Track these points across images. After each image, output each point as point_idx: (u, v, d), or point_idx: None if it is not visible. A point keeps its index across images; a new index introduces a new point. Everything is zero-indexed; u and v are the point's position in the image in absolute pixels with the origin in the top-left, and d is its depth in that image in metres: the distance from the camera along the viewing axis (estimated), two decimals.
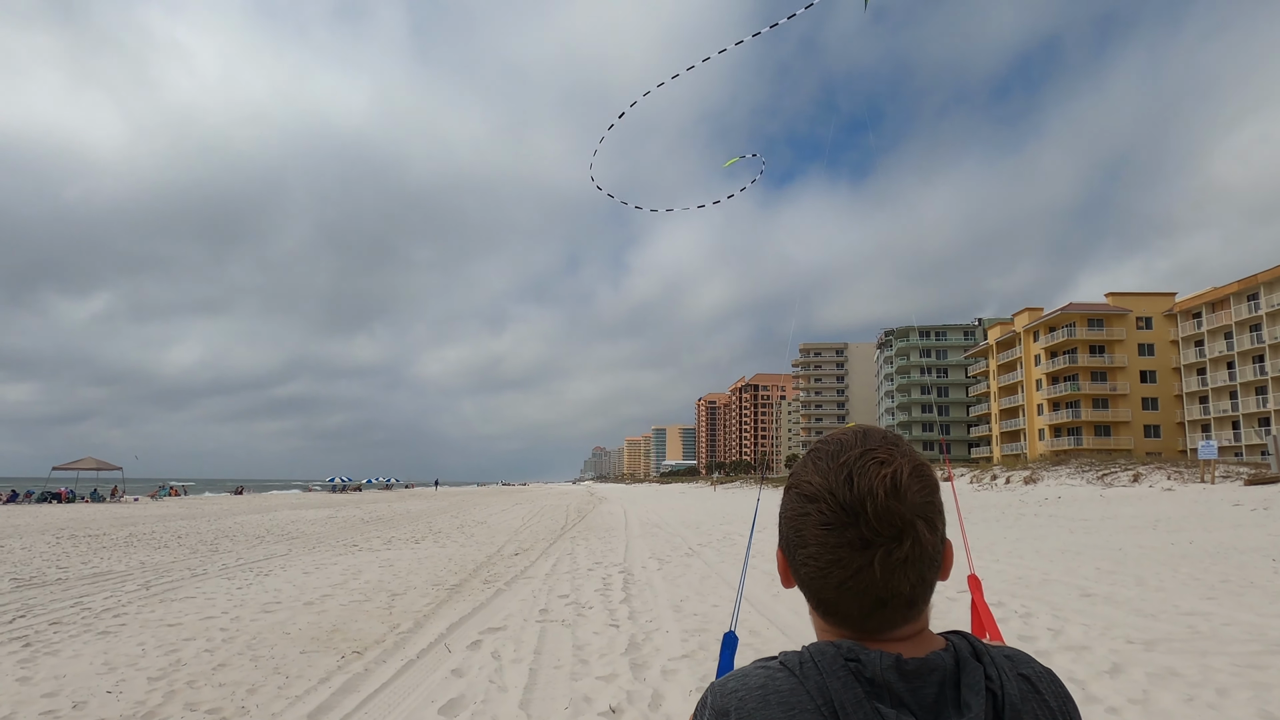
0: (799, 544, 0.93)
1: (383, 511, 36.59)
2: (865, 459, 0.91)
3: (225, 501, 54.01)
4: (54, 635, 8.01)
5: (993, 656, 0.93)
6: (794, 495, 0.96)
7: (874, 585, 0.89)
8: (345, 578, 12.38)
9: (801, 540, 0.93)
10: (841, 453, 0.94)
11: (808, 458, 0.99)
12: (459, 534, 21.87)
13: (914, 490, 0.90)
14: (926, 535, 0.90)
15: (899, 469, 0.90)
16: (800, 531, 0.93)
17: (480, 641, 7.49)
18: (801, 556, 0.93)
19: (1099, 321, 76.64)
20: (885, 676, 0.87)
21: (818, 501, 0.91)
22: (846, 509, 0.89)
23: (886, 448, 0.94)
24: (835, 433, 1.00)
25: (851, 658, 0.89)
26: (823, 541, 0.90)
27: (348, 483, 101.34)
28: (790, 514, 0.96)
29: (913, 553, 0.89)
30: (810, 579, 0.93)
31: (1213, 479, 29.72)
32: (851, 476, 0.90)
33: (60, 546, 18.30)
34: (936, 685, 0.88)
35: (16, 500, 49.25)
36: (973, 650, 0.93)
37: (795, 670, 0.90)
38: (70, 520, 29.69)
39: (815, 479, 0.93)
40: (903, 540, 0.88)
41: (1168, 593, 9.16)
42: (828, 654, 0.90)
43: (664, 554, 15.25)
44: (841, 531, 0.89)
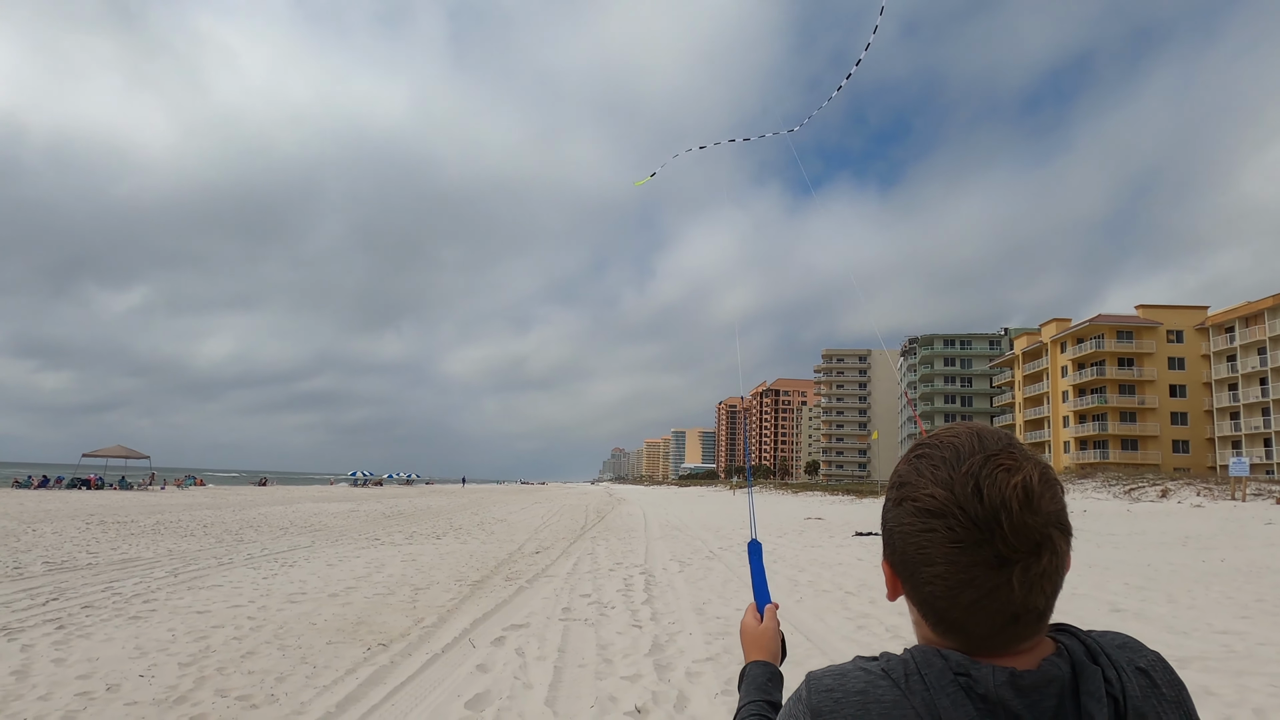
0: (922, 562, 0.85)
1: (404, 507, 36.85)
2: (991, 466, 0.84)
3: (249, 492, 54.68)
4: (86, 618, 8.15)
5: (1109, 655, 0.88)
6: (910, 509, 0.87)
7: (1010, 603, 0.82)
8: (369, 571, 12.47)
9: (926, 559, 0.85)
10: (960, 459, 0.85)
11: (917, 463, 0.90)
12: (480, 531, 21.98)
13: (1047, 499, 0.84)
14: (1062, 546, 0.85)
15: (1029, 476, 0.83)
16: (924, 550, 0.85)
17: (504, 638, 7.52)
18: (926, 575, 0.85)
19: (1129, 334, 75.51)
20: (1000, 694, 0.81)
21: (945, 517, 0.83)
22: (980, 525, 0.81)
23: (1010, 452, 0.86)
24: (942, 434, 0.92)
25: (961, 672, 0.83)
26: (953, 561, 0.82)
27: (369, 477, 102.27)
28: (908, 530, 0.87)
29: (1050, 566, 0.83)
30: (935, 599, 0.85)
31: (1244, 496, 29.20)
32: (980, 487, 0.82)
33: (90, 532, 18.61)
34: (1055, 698, 0.83)
35: (48, 486, 50.21)
36: (1086, 650, 0.88)
37: (900, 681, 0.84)
38: (99, 506, 30.20)
39: (937, 491, 0.85)
40: (1040, 554, 0.82)
41: (1200, 610, 9.00)
42: (935, 666, 0.84)
43: (685, 556, 15.22)
44: (975, 550, 0.81)
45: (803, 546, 18.07)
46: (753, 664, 1.40)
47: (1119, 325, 75.75)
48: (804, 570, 13.15)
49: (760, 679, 1.35)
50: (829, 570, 13.19)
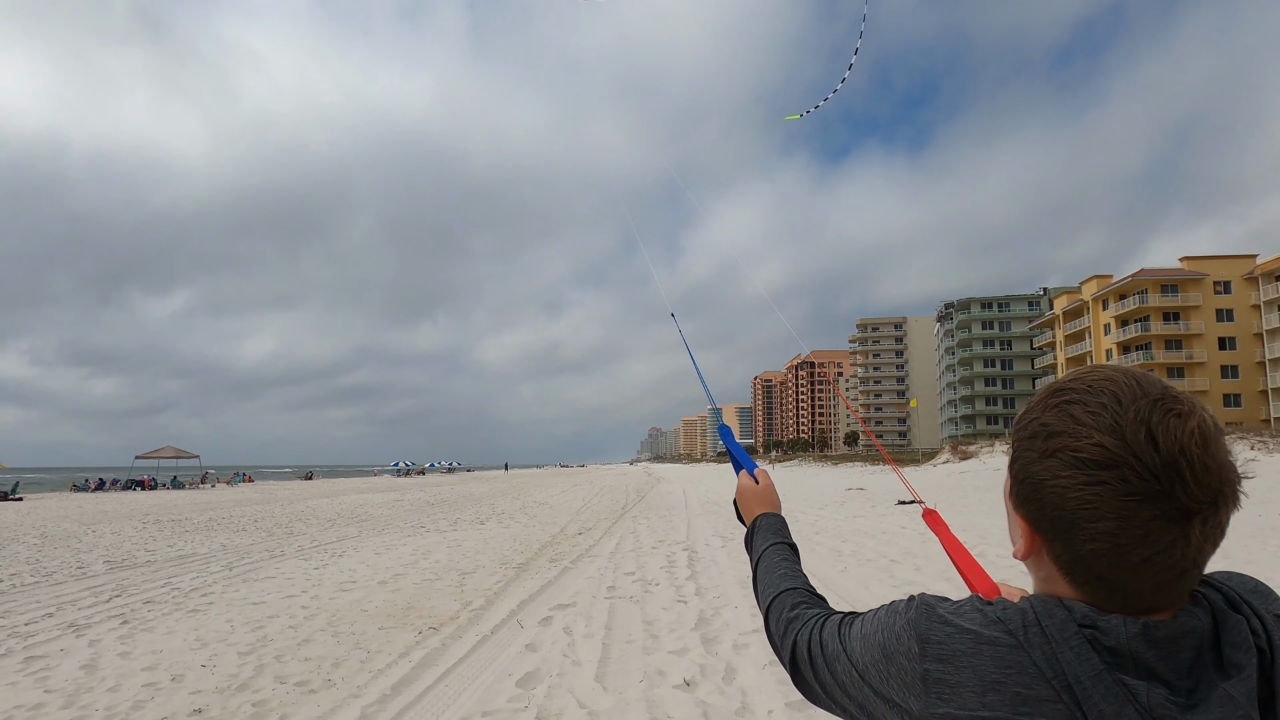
0: (1087, 519, 0.77)
1: (446, 494, 37.39)
2: (1161, 411, 0.77)
3: (296, 487, 55.89)
4: (148, 613, 8.41)
5: (1250, 604, 0.82)
6: (1069, 460, 0.79)
7: (1183, 559, 0.76)
8: (415, 558, 12.69)
9: (1092, 514, 0.77)
10: (1123, 404, 0.78)
11: (1068, 409, 0.81)
12: (522, 515, 22.22)
13: (1224, 444, 0.78)
14: (1239, 494, 0.79)
15: (1204, 420, 0.78)
16: (1089, 504, 0.77)
17: (551, 618, 7.61)
18: (1090, 533, 0.77)
19: (1173, 287, 73.49)
20: (1132, 646, 0.76)
21: (1118, 468, 0.75)
22: (1159, 475, 0.74)
23: (1175, 395, 0.79)
24: (1087, 377, 0.84)
25: (1087, 624, 0.78)
26: (1128, 516, 0.75)
27: (411, 467, 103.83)
28: (1067, 484, 0.78)
29: (1225, 517, 0.78)
30: (1097, 557, 0.78)
31: None
32: (1154, 434, 0.75)
33: (146, 531, 19.18)
34: (1193, 649, 0.78)
35: (104, 488, 51.81)
36: (1226, 599, 0.82)
37: (1017, 632, 0.79)
38: (154, 506, 31.10)
39: (1106, 440, 0.77)
40: (1219, 505, 0.76)
41: (1258, 565, 8.80)
42: (1057, 618, 0.79)
43: (726, 532, 15.24)
44: (1154, 503, 0.74)
45: (845, 517, 17.99)
46: (762, 515, 1.40)
47: (1163, 279, 73.73)
48: (847, 540, 13.09)
49: (776, 524, 1.36)
50: (872, 540, 13.11)
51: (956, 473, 40.26)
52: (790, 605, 1.13)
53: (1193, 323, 72.81)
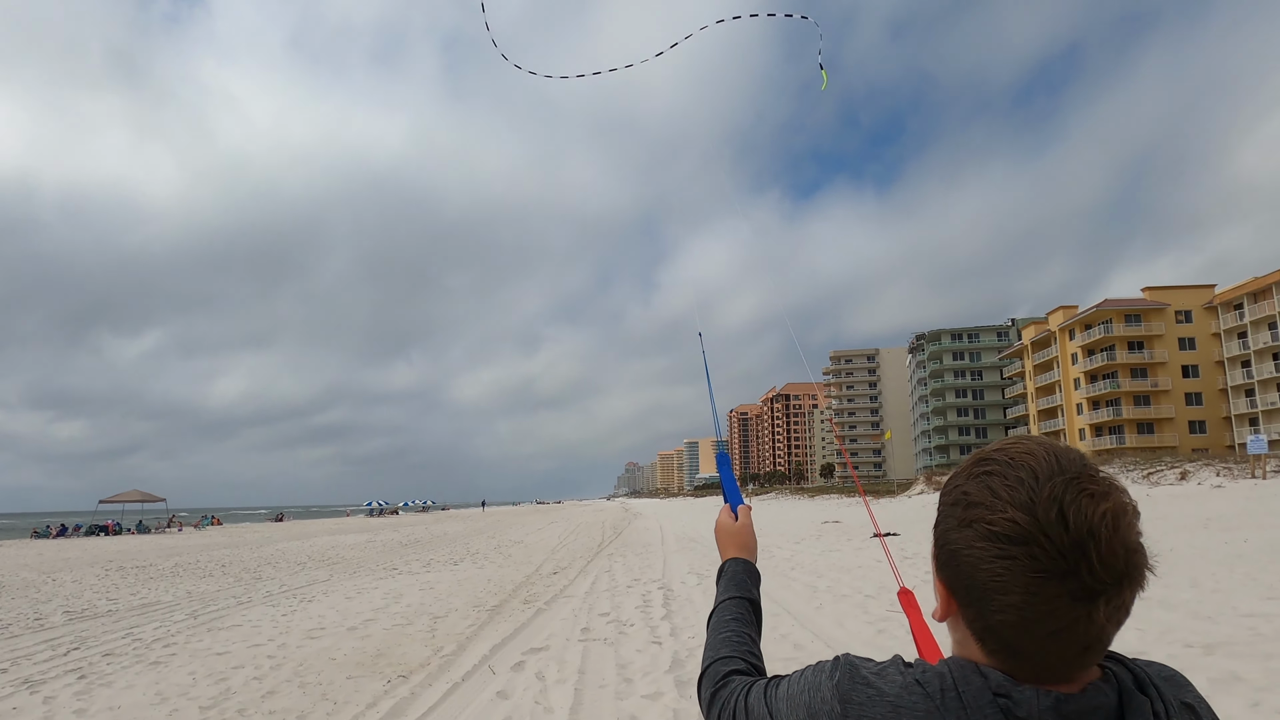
0: (996, 591, 0.78)
1: (420, 534, 36.83)
2: (1075, 491, 0.78)
3: (266, 529, 54.75)
4: (107, 666, 8.16)
5: (1158, 687, 0.85)
6: (983, 532, 0.80)
7: (1087, 635, 0.78)
8: (387, 601, 12.46)
9: (1001, 587, 0.78)
10: (1040, 481, 0.79)
11: (988, 480, 0.83)
12: (496, 554, 21.94)
13: (1133, 527, 0.80)
14: (1145, 576, 0.81)
15: (1117, 502, 0.79)
16: (999, 578, 0.78)
17: (523, 662, 7.49)
18: (999, 604, 0.79)
19: (1136, 317, 75.06)
20: (1042, 718, 0.78)
21: (1028, 544, 0.77)
22: (1066, 554, 0.76)
23: (1092, 475, 0.81)
24: (1010, 449, 0.85)
25: (1002, 693, 0.79)
26: (1035, 592, 0.76)
27: (385, 507, 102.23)
28: (980, 555, 0.80)
29: (1130, 598, 0.79)
30: (1005, 628, 0.79)
31: (1264, 474, 28.92)
32: (1065, 514, 0.77)
33: (109, 578, 18.66)
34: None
35: (66, 534, 50.34)
36: (1135, 680, 0.84)
37: (934, 695, 0.81)
38: (118, 552, 30.29)
39: (1019, 516, 0.78)
40: (1123, 587, 0.78)
41: (1225, 594, 8.91)
42: (974, 685, 0.81)
43: (702, 569, 15.15)
44: (1061, 581, 0.76)
45: (820, 552, 17.98)
46: (731, 560, 1.38)
47: (1126, 309, 75.31)
48: (822, 576, 13.07)
49: (740, 575, 1.34)
50: (848, 575, 13.10)
51: (930, 503, 40.27)
52: (722, 674, 1.14)
53: (1156, 351, 74.29)
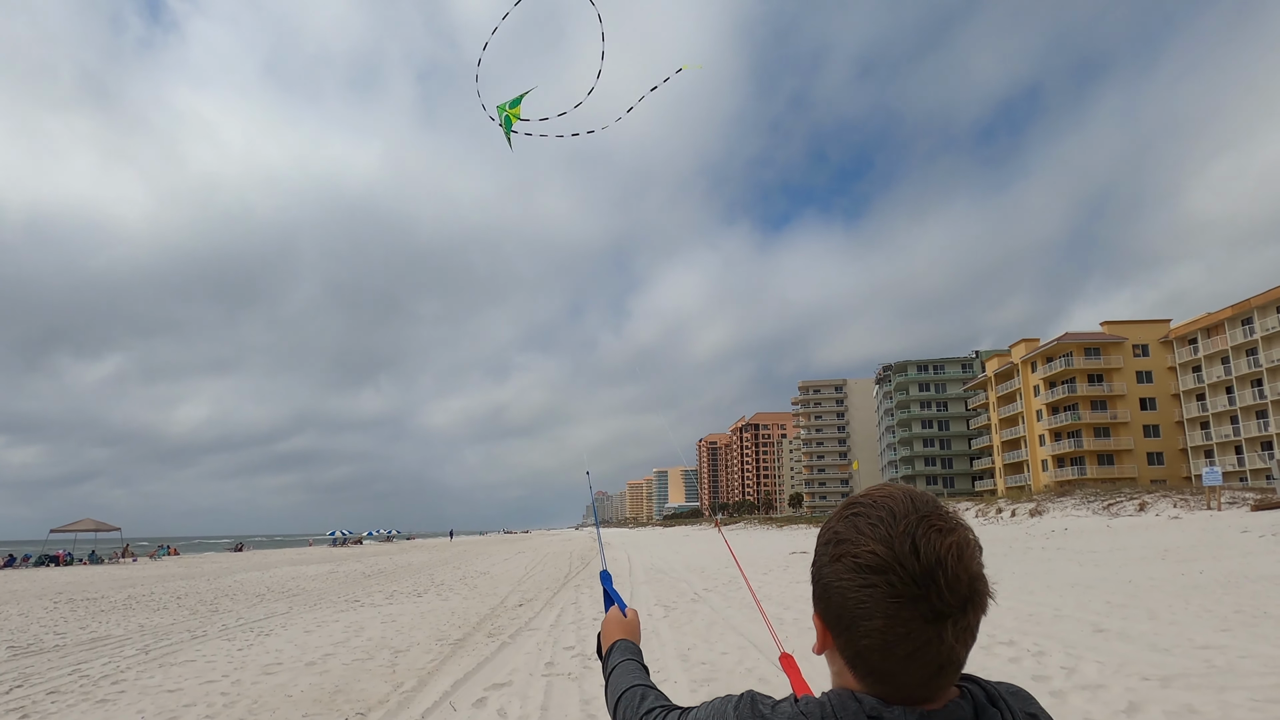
0: (861, 616, 0.89)
1: (384, 565, 36.17)
2: (925, 527, 0.90)
3: (225, 560, 53.39)
4: (51, 705, 7.86)
5: (1006, 701, 0.98)
6: (850, 565, 0.91)
7: (939, 655, 0.89)
8: (347, 635, 12.19)
9: (866, 613, 0.89)
10: (896, 518, 0.91)
11: (854, 521, 0.95)
12: (462, 586, 21.60)
13: (975, 558, 0.93)
14: (986, 602, 0.94)
15: (961, 537, 0.92)
16: (863, 605, 0.89)
17: (485, 699, 7.36)
18: (864, 629, 0.90)
19: (1096, 350, 76.78)
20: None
21: (885, 573, 0.88)
22: (917, 581, 0.87)
23: (940, 514, 0.93)
24: (874, 494, 0.98)
25: (874, 715, 0.90)
26: (892, 615, 0.87)
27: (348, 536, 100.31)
28: (847, 586, 0.91)
29: (974, 621, 0.91)
30: (871, 652, 0.90)
31: (1219, 505, 29.55)
32: (916, 545, 0.88)
33: (58, 611, 18.04)
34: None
35: (14, 565, 48.59)
36: (987, 695, 0.96)
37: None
38: (68, 584, 29.32)
39: (878, 548, 0.90)
40: (968, 610, 0.90)
41: (1181, 626, 9.05)
42: (850, 709, 0.91)
43: (669, 600, 15.05)
44: (913, 605, 0.87)
45: (788, 583, 17.96)
46: (621, 639, 1.52)
47: (1086, 342, 77.04)
48: (789, 608, 13.05)
49: (632, 648, 1.48)
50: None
51: None
52: (639, 698, 1.28)
53: (1115, 384, 75.94)
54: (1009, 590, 13.40)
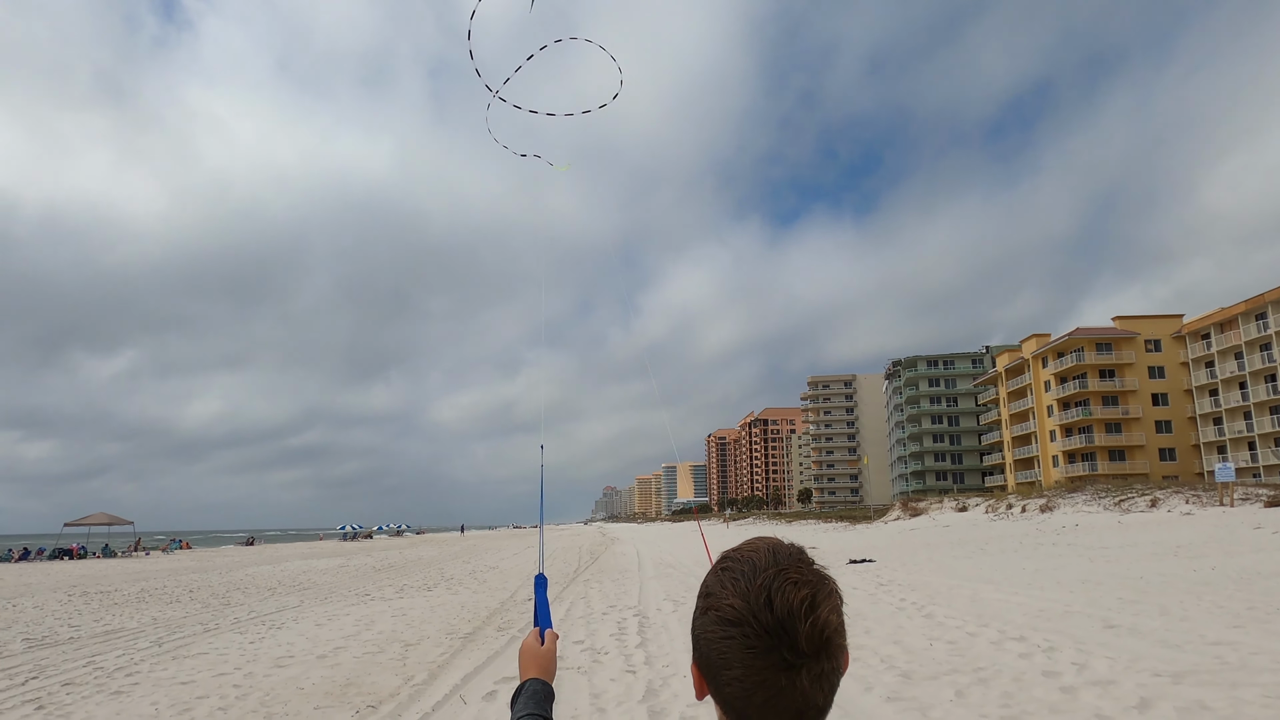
0: (723, 666, 0.95)
1: (394, 559, 36.35)
2: (781, 580, 0.94)
3: (236, 553, 53.77)
4: (66, 697, 7.95)
5: None
6: (714, 618, 0.97)
7: (795, 701, 0.92)
8: (358, 628, 12.27)
9: (725, 663, 0.94)
10: (756, 573, 0.96)
11: (721, 575, 1.01)
12: (471, 580, 21.69)
13: (828, 610, 0.95)
14: (841, 650, 0.96)
15: (814, 588, 0.95)
16: (724, 655, 0.94)
17: (496, 692, 7.40)
18: (726, 678, 0.94)
19: (1107, 345, 76.31)
20: None
21: (741, 625, 0.93)
22: (770, 633, 0.91)
23: (799, 567, 0.97)
24: (744, 548, 1.04)
25: None
26: (748, 665, 0.92)
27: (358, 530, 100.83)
28: (711, 637, 0.96)
29: (829, 668, 0.94)
30: (734, 699, 0.95)
31: (1231, 502, 29.35)
32: (771, 598, 0.93)
33: (72, 604, 18.22)
34: None
35: (29, 558, 49.12)
36: None
37: None
38: (82, 577, 29.59)
39: (736, 602, 0.95)
40: (821, 658, 0.93)
41: (1193, 622, 9.00)
42: None
43: (679, 595, 15.08)
44: (767, 655, 0.91)
45: None
46: (530, 679, 1.52)
47: (1098, 338, 76.56)
48: None
49: (539, 694, 1.48)
50: None
51: (907, 529, 40.56)
52: None
53: (1127, 379, 75.48)
54: (1018, 586, 13.37)
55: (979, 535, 29.84)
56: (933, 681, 6.85)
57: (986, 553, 21.75)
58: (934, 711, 5.98)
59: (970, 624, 9.71)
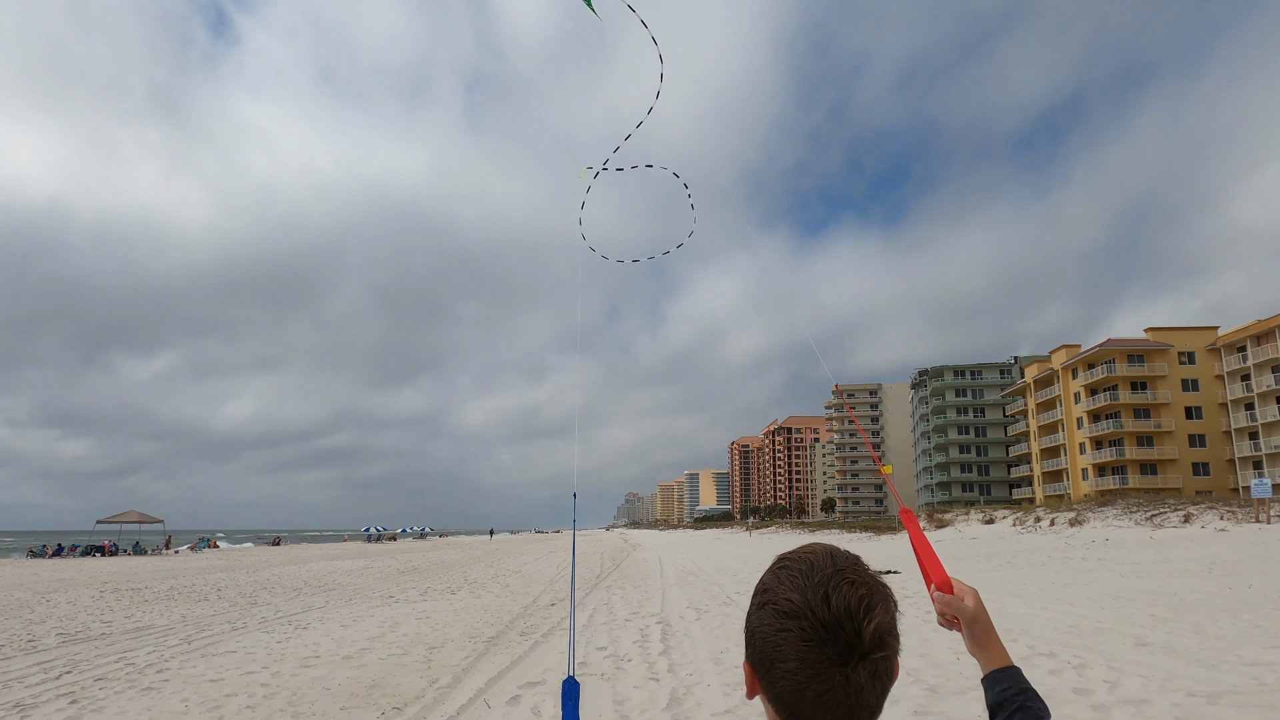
0: (777, 659, 0.97)
1: (418, 562, 36.58)
2: (839, 579, 0.99)
3: (263, 553, 54.42)
4: (99, 692, 8.09)
5: None
6: (771, 612, 1.00)
7: (848, 698, 0.95)
8: (383, 630, 12.36)
9: (780, 655, 0.97)
10: (814, 571, 1.00)
11: (779, 574, 1.05)
12: (494, 584, 21.77)
13: (884, 611, 0.99)
14: (893, 652, 0.99)
15: (871, 589, 0.99)
16: (779, 648, 0.97)
17: (519, 696, 7.42)
18: (780, 671, 0.97)
19: (1139, 357, 74.99)
20: None
21: (798, 619, 0.96)
22: (826, 626, 0.95)
23: (855, 569, 1.02)
24: (801, 550, 1.08)
25: None
26: (804, 657, 0.95)
27: (382, 532, 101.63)
28: (768, 630, 1.00)
29: (882, 668, 0.97)
30: (787, 693, 0.97)
31: (1268, 519, 28.71)
32: (829, 595, 0.97)
33: (104, 600, 18.54)
34: None
35: (62, 554, 50.10)
36: None
37: None
38: (113, 574, 30.11)
39: (794, 596, 0.98)
40: (874, 657, 0.96)
41: (1229, 641, 8.81)
42: None
43: (701, 603, 15.03)
44: (821, 648, 0.95)
45: None
46: None
47: (1130, 349, 75.26)
48: None
49: None
50: None
51: (933, 541, 40.11)
52: None
53: (1159, 392, 74.10)
54: (1047, 601, 13.16)
55: (1006, 548, 29.42)
56: (960, 696, 6.76)
57: (1014, 566, 21.44)
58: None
59: None
